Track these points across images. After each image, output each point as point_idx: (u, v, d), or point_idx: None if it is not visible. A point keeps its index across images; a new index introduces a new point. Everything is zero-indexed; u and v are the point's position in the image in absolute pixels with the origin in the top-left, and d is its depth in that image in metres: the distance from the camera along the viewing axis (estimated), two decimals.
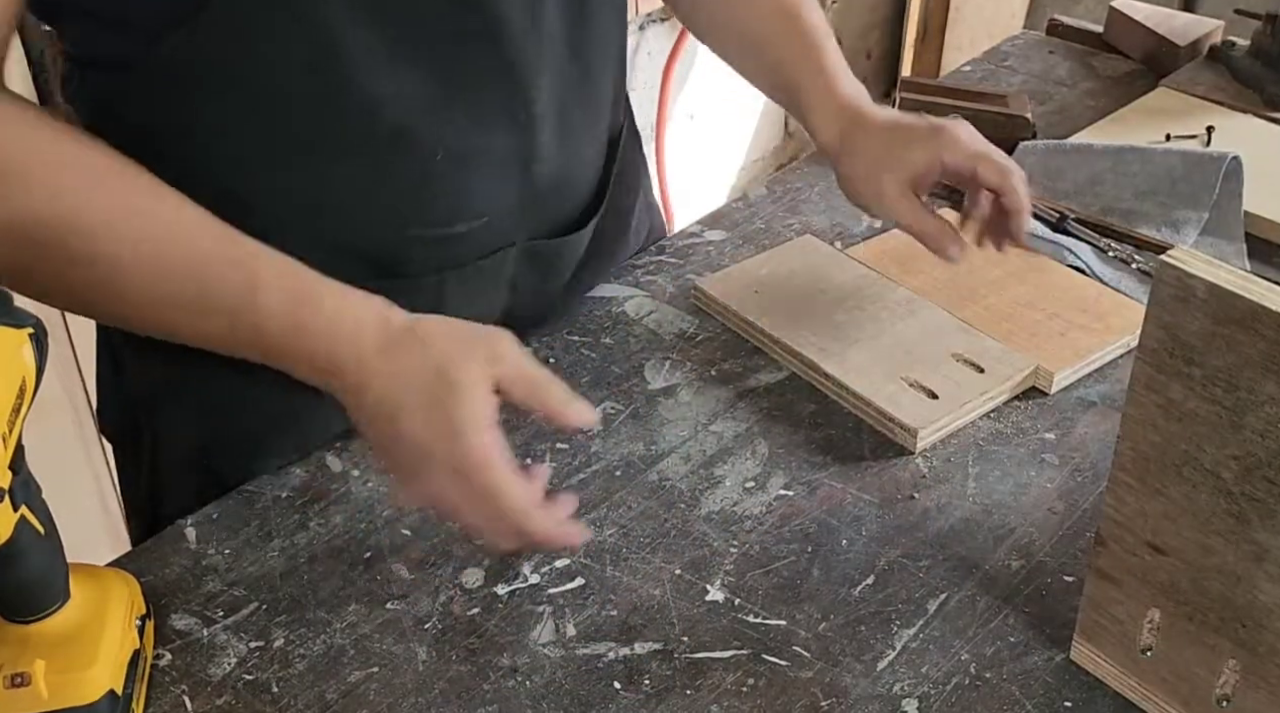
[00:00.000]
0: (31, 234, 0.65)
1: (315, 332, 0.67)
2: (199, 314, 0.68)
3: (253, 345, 0.69)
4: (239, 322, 0.68)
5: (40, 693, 0.60)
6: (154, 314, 0.70)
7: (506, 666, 0.70)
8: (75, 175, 0.67)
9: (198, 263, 0.68)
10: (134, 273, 0.67)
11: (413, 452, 0.67)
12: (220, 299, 0.68)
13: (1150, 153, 1.13)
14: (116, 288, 0.68)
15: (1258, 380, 0.55)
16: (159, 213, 0.68)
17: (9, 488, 0.57)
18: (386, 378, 0.67)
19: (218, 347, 0.70)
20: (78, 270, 0.67)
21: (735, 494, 0.81)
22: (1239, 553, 0.59)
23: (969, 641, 0.72)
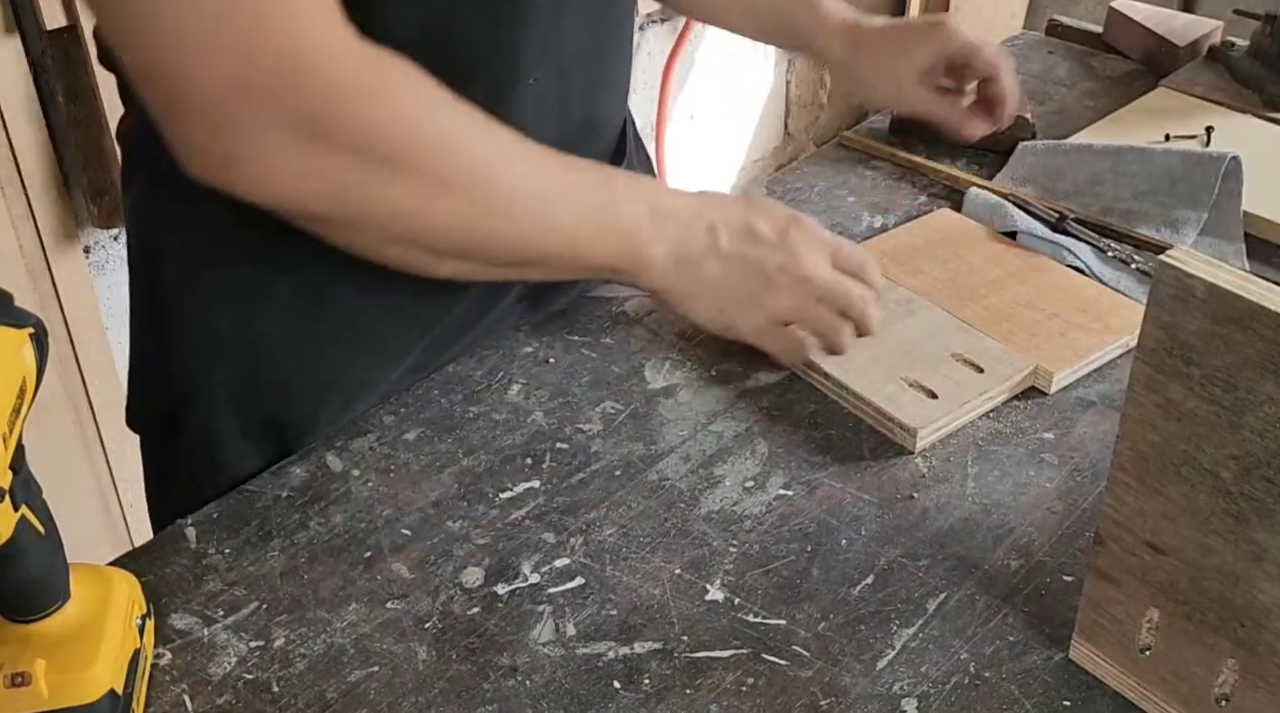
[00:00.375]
0: (435, 129, 0.71)
1: (672, 213, 0.79)
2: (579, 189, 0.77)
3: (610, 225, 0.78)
4: (615, 230, 0.78)
5: (40, 693, 0.60)
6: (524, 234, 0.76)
7: (506, 665, 0.70)
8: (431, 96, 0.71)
9: (571, 180, 0.77)
10: (515, 194, 0.74)
11: (774, 255, 0.81)
12: (606, 216, 0.78)
13: (1150, 153, 1.13)
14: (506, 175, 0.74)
15: (1257, 380, 0.55)
16: (508, 136, 0.75)
17: (9, 488, 0.57)
18: (728, 215, 0.80)
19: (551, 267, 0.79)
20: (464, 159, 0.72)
21: (735, 494, 0.82)
22: (1238, 553, 0.59)
23: (968, 640, 0.72)
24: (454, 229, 0.74)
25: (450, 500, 0.81)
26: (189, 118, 0.67)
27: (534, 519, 0.79)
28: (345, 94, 0.67)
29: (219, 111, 0.65)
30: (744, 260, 0.80)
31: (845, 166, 1.20)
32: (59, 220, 1.48)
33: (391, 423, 0.87)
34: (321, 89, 0.66)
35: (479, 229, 0.74)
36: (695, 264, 0.80)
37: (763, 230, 0.81)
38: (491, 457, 0.84)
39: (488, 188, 0.73)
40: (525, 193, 0.74)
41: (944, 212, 1.10)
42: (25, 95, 1.40)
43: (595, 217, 0.77)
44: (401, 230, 0.73)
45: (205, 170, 0.68)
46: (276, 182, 0.68)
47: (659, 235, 0.79)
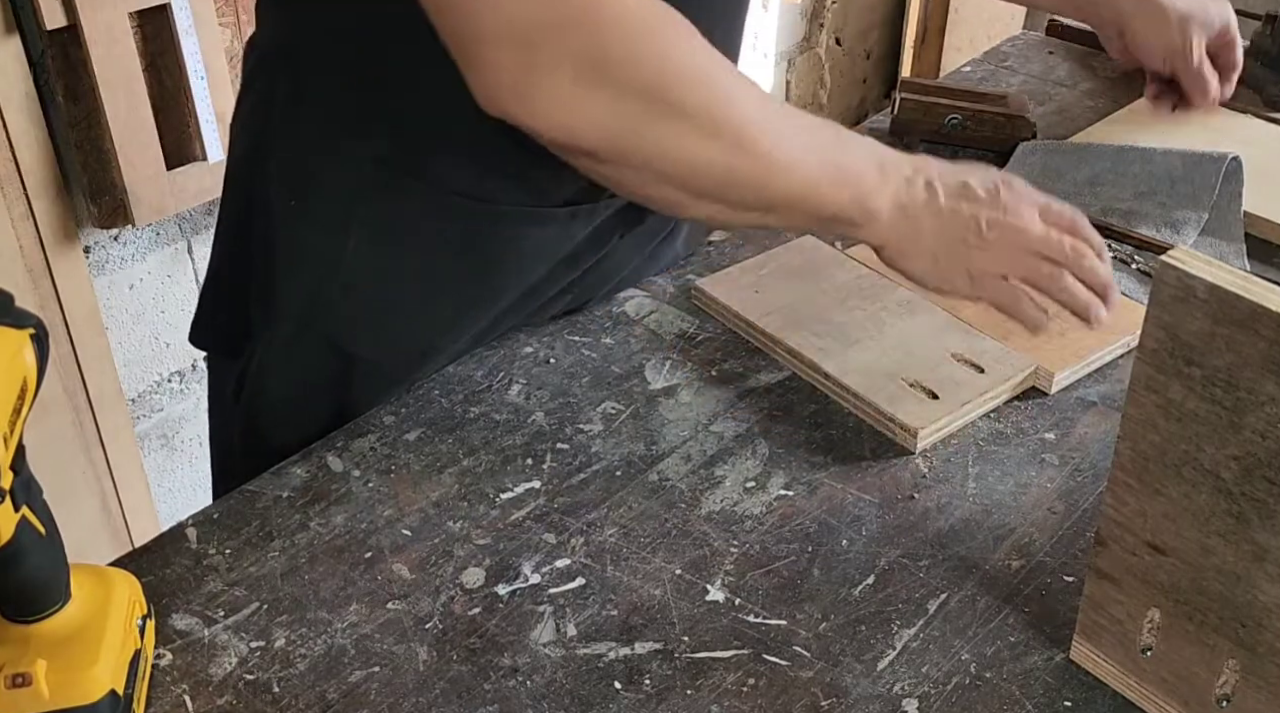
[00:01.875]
0: (711, 76, 0.74)
1: (896, 167, 0.81)
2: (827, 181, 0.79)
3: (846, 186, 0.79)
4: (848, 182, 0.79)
5: (41, 693, 0.60)
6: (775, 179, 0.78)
7: (507, 665, 0.70)
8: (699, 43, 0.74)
9: (813, 132, 0.79)
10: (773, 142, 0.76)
11: (990, 209, 0.82)
12: (840, 168, 0.79)
13: (1150, 153, 1.13)
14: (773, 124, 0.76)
15: (1257, 381, 0.55)
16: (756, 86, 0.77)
17: (10, 488, 0.57)
18: (942, 170, 0.82)
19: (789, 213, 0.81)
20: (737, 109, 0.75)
21: (735, 494, 0.82)
22: (1239, 553, 0.59)
23: (969, 640, 0.72)
24: (716, 169, 0.75)
25: (451, 501, 0.81)
26: (483, 50, 0.69)
27: (535, 520, 0.79)
28: (632, 34, 0.70)
29: (511, 45, 0.68)
30: (958, 215, 0.82)
31: None
32: (59, 220, 1.48)
33: (392, 423, 0.87)
34: (610, 28, 0.69)
35: (738, 171, 0.76)
36: (915, 219, 0.82)
37: (975, 187, 0.82)
38: (492, 457, 0.84)
39: (753, 134, 0.75)
40: (780, 142, 0.76)
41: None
42: (25, 95, 1.40)
43: (832, 168, 0.79)
44: (669, 168, 0.75)
45: (493, 103, 0.70)
46: (558, 116, 0.70)
47: (885, 189, 0.80)
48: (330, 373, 0.91)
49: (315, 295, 0.89)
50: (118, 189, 1.50)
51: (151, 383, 1.73)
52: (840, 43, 2.87)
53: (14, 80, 1.39)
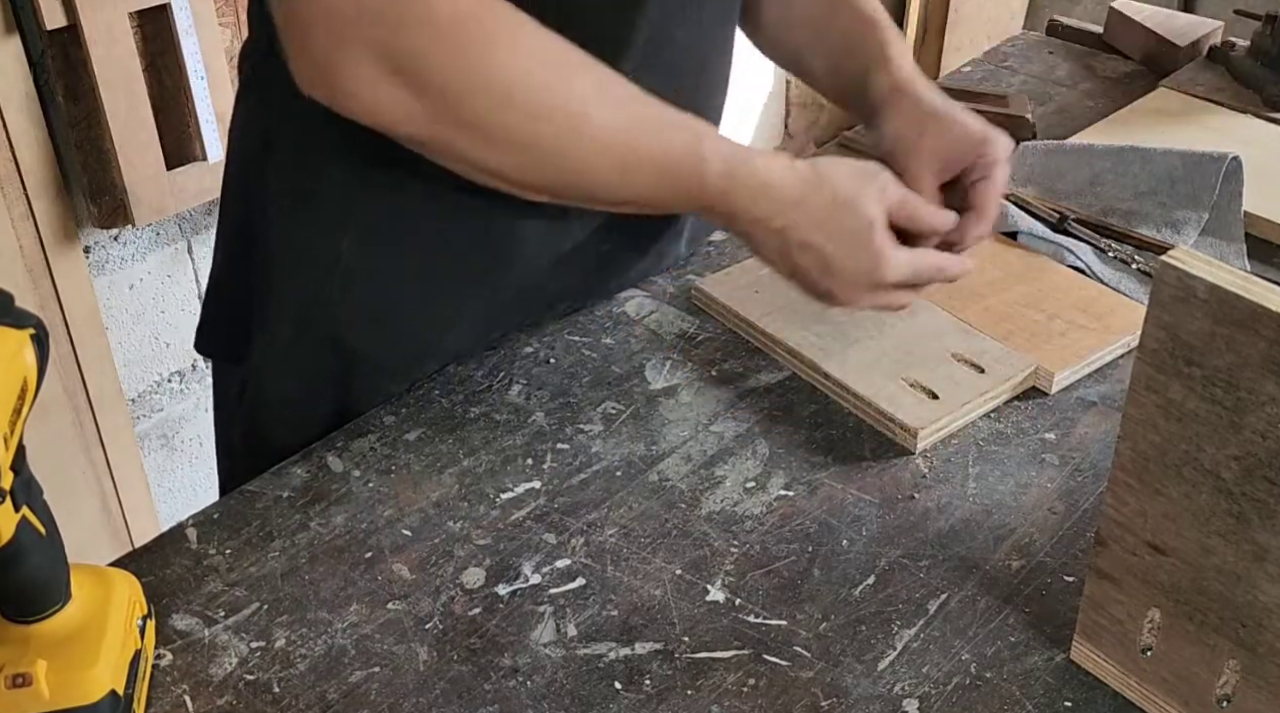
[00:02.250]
0: (512, 94, 0.72)
1: (744, 190, 0.77)
2: (654, 173, 0.77)
3: (686, 198, 0.78)
4: (684, 178, 0.77)
5: (42, 693, 0.60)
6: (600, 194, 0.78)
7: (507, 666, 0.70)
8: (543, 41, 0.73)
9: (656, 125, 0.76)
10: (601, 132, 0.75)
11: (839, 277, 0.80)
12: (670, 158, 0.76)
13: (1150, 153, 1.13)
14: (582, 146, 0.75)
15: (1258, 381, 0.55)
16: (609, 79, 0.75)
17: (10, 489, 0.57)
18: (808, 223, 0.78)
19: (645, 201, 0.79)
20: (545, 126, 0.73)
21: (736, 494, 0.82)
22: (1239, 553, 0.59)
23: (969, 641, 0.72)
24: (531, 181, 0.76)
25: (451, 501, 0.81)
26: (297, 34, 0.71)
27: (535, 520, 0.79)
28: (436, 36, 0.70)
29: (322, 32, 0.69)
30: (802, 270, 0.81)
31: None
32: (59, 220, 1.48)
33: (392, 423, 0.87)
34: (413, 27, 0.69)
35: (556, 184, 0.76)
36: (764, 253, 0.82)
37: (834, 267, 0.80)
38: (492, 457, 0.84)
39: (566, 157, 0.75)
40: (603, 163, 0.76)
41: None
42: (25, 95, 1.40)
43: (673, 184, 0.77)
44: (482, 175, 0.76)
45: (311, 87, 0.72)
46: (365, 104, 0.71)
47: (735, 217, 0.79)
48: (331, 373, 0.91)
49: (314, 295, 0.89)
50: (118, 189, 1.50)
51: (151, 383, 1.73)
52: None
53: (14, 80, 1.39)
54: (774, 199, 0.78)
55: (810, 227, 0.79)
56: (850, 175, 0.80)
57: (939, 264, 0.83)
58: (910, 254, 0.81)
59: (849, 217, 0.79)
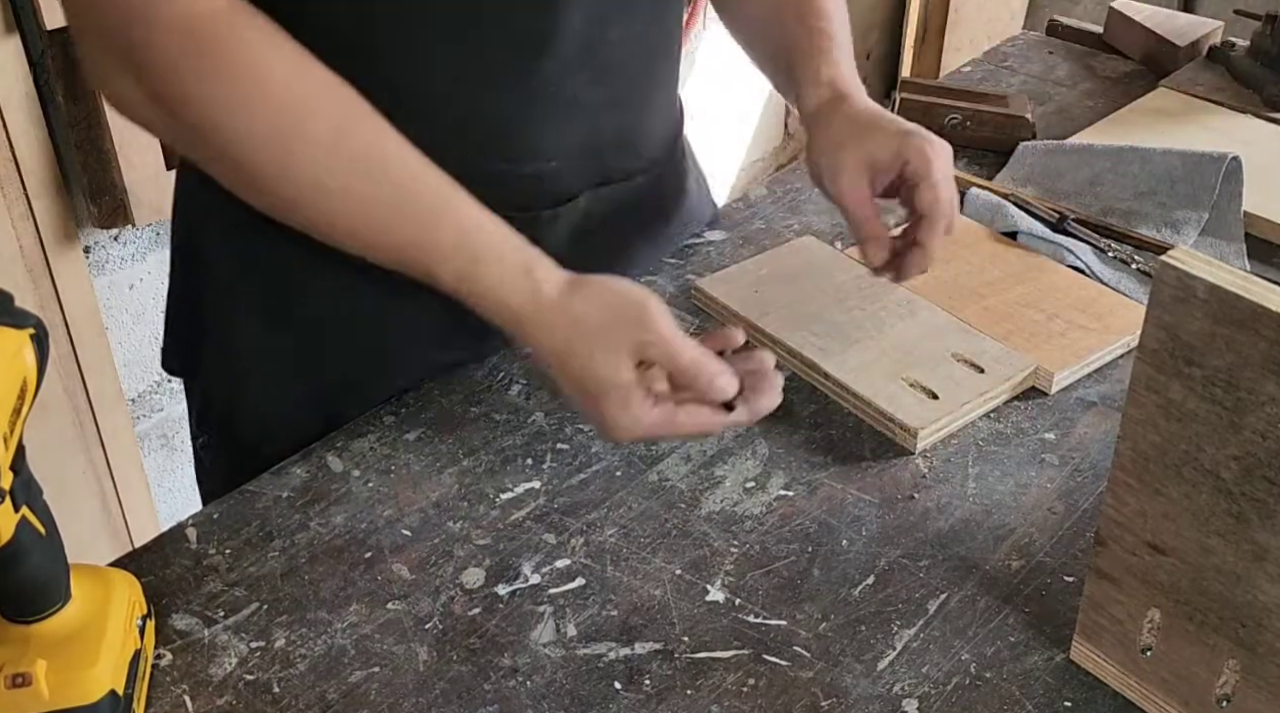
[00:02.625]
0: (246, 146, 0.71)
1: (479, 303, 0.74)
2: (380, 252, 0.74)
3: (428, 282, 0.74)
4: (417, 272, 0.74)
5: (41, 693, 0.60)
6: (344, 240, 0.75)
7: (507, 666, 0.70)
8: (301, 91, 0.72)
9: (387, 215, 0.73)
10: (336, 205, 0.73)
11: (594, 418, 0.74)
12: (400, 252, 0.74)
13: (1150, 153, 1.13)
14: (312, 212, 0.73)
15: (1258, 381, 0.55)
16: (362, 141, 0.73)
17: (10, 489, 0.57)
18: (546, 350, 0.73)
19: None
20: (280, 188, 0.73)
21: (735, 494, 0.82)
22: (1239, 553, 0.59)
23: (969, 641, 0.72)
24: (274, 213, 0.74)
25: (451, 501, 0.81)
26: (78, 41, 0.73)
27: (534, 520, 0.79)
28: (174, 62, 0.69)
29: (90, 43, 0.72)
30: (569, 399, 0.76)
31: None
32: (59, 220, 1.48)
33: (392, 423, 0.87)
34: (144, 49, 0.69)
35: (292, 219, 0.74)
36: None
37: (579, 396, 0.74)
38: (492, 457, 0.84)
39: (300, 199, 0.73)
40: (342, 218, 0.73)
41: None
42: (25, 95, 1.40)
43: (413, 270, 0.74)
44: (235, 191, 0.75)
45: (89, 85, 0.75)
46: (128, 111, 0.72)
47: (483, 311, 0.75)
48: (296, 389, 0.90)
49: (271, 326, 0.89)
50: (118, 189, 1.50)
51: (151, 383, 1.73)
52: None
53: (14, 80, 1.39)
54: (510, 320, 0.73)
55: (556, 362, 0.73)
56: (600, 318, 0.72)
57: (701, 423, 0.74)
58: (659, 418, 0.72)
59: (586, 371, 0.72)
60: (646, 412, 0.72)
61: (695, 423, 0.74)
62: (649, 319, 0.72)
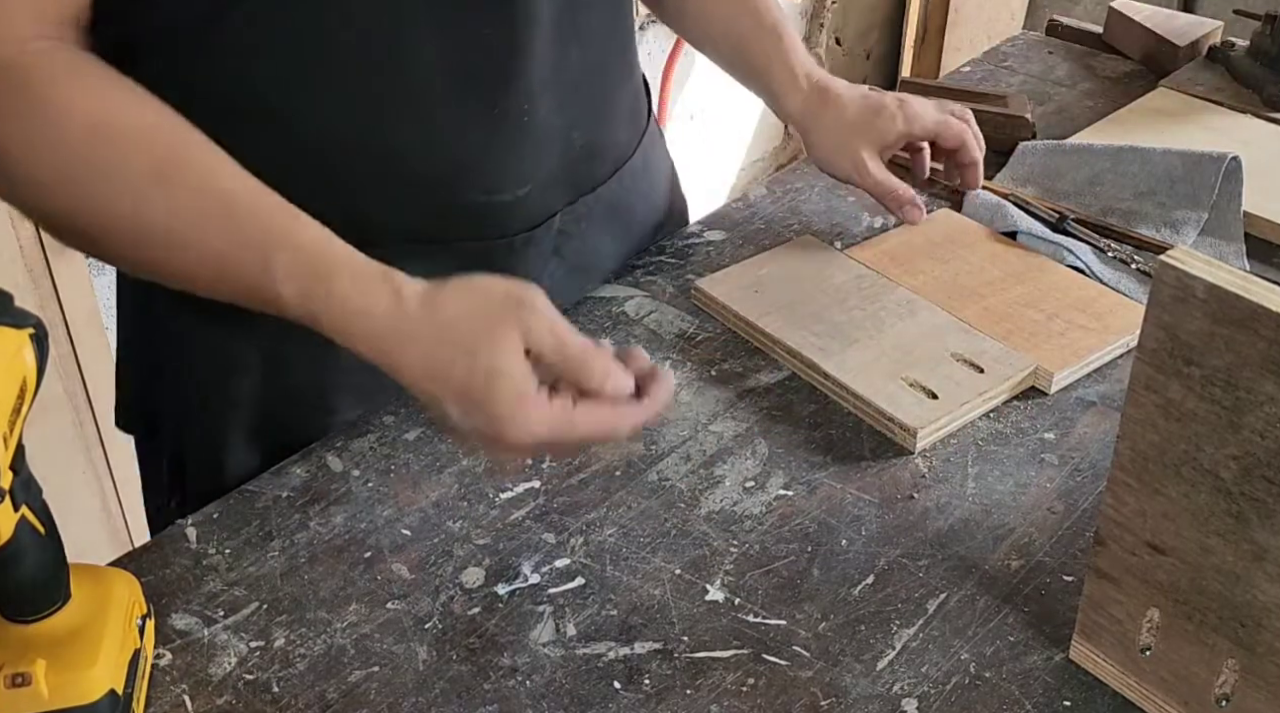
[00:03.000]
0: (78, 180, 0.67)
1: (330, 321, 0.67)
2: (221, 284, 0.69)
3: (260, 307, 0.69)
4: (261, 302, 0.68)
5: (41, 693, 0.60)
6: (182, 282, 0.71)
7: (507, 665, 0.70)
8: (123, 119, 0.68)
9: (219, 245, 0.68)
10: (162, 241, 0.68)
11: (457, 431, 0.67)
12: (239, 281, 0.68)
13: (1150, 153, 1.13)
14: (144, 251, 0.69)
15: (1257, 380, 0.55)
16: (191, 175, 0.68)
17: (10, 488, 0.57)
18: (416, 365, 0.66)
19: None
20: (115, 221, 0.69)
21: (735, 494, 0.82)
22: (1238, 553, 0.59)
23: (968, 640, 0.72)
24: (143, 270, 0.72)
25: (450, 501, 0.81)
26: None
27: (534, 520, 0.79)
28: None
29: None
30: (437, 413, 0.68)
31: None
32: None
33: (392, 423, 0.87)
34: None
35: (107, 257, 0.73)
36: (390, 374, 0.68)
37: (453, 417, 0.66)
38: None
39: (111, 234, 0.69)
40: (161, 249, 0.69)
41: (944, 212, 1.10)
42: None
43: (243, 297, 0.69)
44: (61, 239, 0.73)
45: None
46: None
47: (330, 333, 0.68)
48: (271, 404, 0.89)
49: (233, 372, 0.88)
50: None
51: None
52: (840, 43, 2.87)
53: None
54: (370, 334, 0.66)
55: (428, 376, 0.65)
56: (473, 313, 0.65)
57: (600, 422, 0.66)
58: (556, 414, 0.65)
59: (470, 368, 0.64)
60: (542, 405, 0.64)
61: (594, 421, 0.66)
62: (532, 300, 0.66)
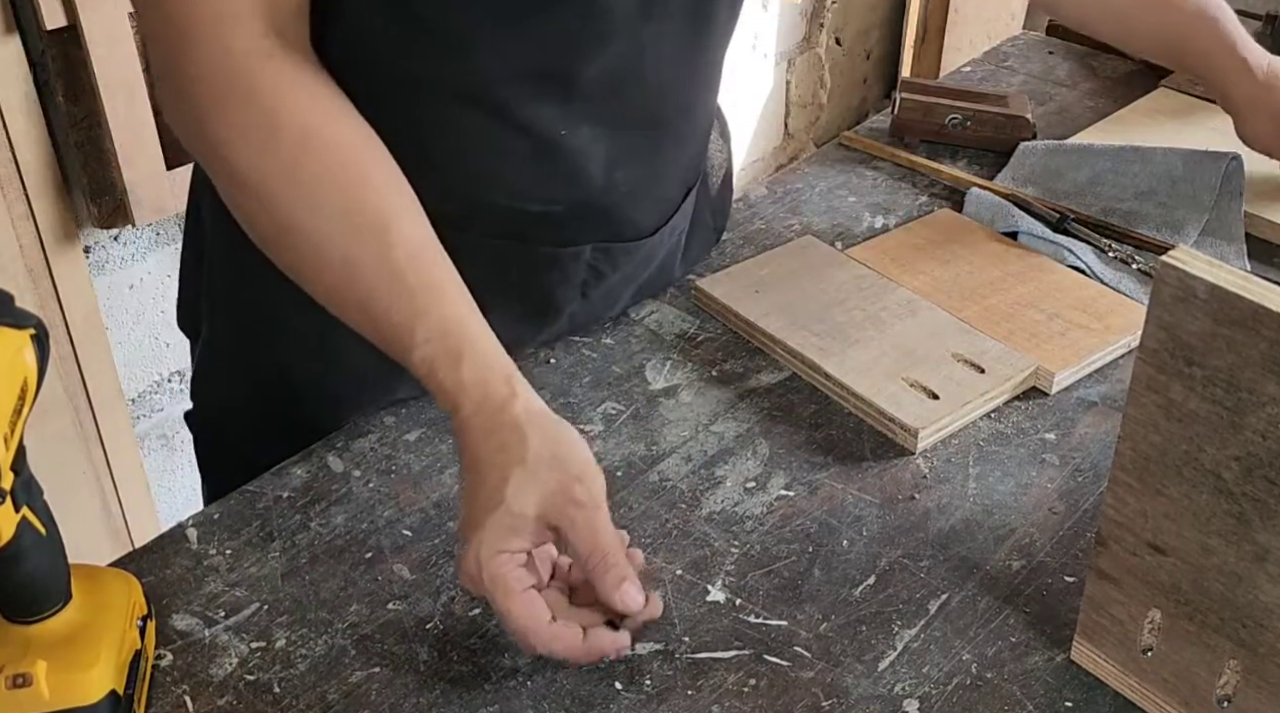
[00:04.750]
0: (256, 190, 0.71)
1: (442, 399, 0.70)
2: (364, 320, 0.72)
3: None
4: (392, 353, 0.71)
5: (42, 694, 0.60)
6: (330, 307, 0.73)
7: (508, 666, 0.70)
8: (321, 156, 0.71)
9: (371, 300, 0.71)
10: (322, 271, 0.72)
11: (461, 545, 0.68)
12: (383, 330, 0.71)
13: (1150, 153, 1.13)
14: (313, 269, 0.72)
15: (1258, 381, 0.55)
16: (370, 210, 0.71)
17: (11, 489, 0.57)
18: (470, 452, 0.68)
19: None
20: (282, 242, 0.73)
21: (736, 494, 0.82)
22: (1239, 553, 0.59)
23: (970, 641, 0.72)
24: (294, 275, 0.74)
25: (451, 501, 0.81)
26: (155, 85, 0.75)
27: None
28: (207, 98, 0.70)
29: (160, 83, 0.73)
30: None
31: (846, 167, 1.20)
32: (59, 220, 1.48)
33: (392, 424, 0.87)
34: (192, 86, 0.71)
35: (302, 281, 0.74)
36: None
37: (467, 512, 0.68)
38: None
39: (307, 261, 0.72)
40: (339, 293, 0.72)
41: (945, 212, 1.10)
42: (25, 95, 1.40)
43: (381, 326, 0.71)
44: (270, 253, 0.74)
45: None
46: (191, 149, 0.73)
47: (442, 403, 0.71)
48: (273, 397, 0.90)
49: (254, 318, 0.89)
50: (118, 189, 1.50)
51: (151, 383, 1.73)
52: (840, 43, 2.87)
53: (14, 80, 1.39)
54: (467, 418, 0.68)
55: (470, 468, 0.68)
56: (538, 456, 0.67)
57: (575, 649, 0.66)
58: (521, 589, 0.65)
59: (494, 487, 0.66)
60: (512, 567, 0.65)
61: (553, 636, 0.65)
62: (591, 477, 0.67)
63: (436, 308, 0.70)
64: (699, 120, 0.92)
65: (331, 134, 0.71)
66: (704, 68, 0.88)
